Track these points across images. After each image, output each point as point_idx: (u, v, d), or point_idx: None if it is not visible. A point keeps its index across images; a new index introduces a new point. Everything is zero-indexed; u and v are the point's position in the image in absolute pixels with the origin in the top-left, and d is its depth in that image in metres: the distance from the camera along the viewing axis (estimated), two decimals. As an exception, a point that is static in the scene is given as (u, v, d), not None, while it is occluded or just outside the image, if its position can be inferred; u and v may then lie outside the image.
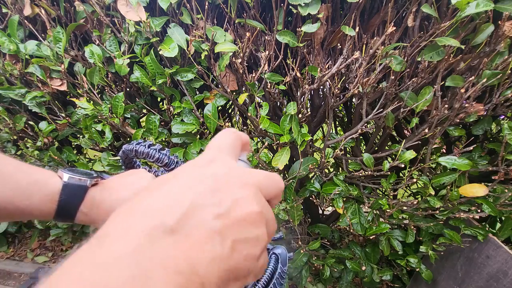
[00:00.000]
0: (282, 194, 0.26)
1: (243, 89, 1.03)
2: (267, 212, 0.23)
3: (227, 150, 0.26)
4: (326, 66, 0.90)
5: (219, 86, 1.00)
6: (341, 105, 1.27)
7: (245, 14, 0.90)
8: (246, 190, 0.21)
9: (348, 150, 1.27)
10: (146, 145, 0.41)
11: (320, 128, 1.35)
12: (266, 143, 1.03)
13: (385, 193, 1.09)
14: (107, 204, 0.40)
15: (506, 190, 0.95)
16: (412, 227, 1.10)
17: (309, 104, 1.12)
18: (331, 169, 1.33)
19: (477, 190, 0.93)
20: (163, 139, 1.06)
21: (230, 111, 1.50)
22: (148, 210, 0.18)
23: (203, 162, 0.23)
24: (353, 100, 1.03)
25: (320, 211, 1.49)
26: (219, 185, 0.21)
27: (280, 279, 0.32)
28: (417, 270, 1.13)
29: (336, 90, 0.90)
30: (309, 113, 0.99)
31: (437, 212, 1.00)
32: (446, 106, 0.87)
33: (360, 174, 1.05)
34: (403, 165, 0.94)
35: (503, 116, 1.00)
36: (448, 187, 0.97)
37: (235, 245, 0.19)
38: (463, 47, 0.78)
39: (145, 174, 0.45)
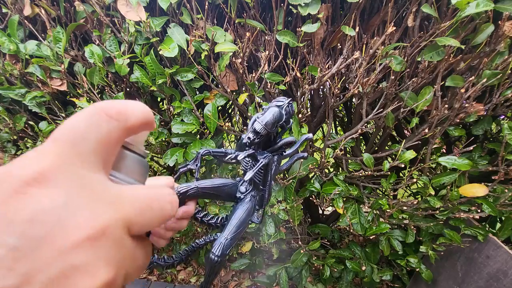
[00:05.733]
0: (170, 218, 0.18)
1: (243, 89, 1.03)
2: (129, 267, 0.15)
3: (87, 151, 0.15)
4: (326, 66, 0.90)
5: (219, 86, 1.00)
6: (341, 105, 1.27)
7: (245, 14, 0.90)
8: (93, 248, 0.12)
9: (348, 150, 1.27)
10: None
11: (320, 128, 1.35)
12: (266, 143, 1.03)
13: (385, 193, 1.09)
14: None
15: (506, 190, 0.95)
16: (412, 227, 1.10)
17: (309, 104, 1.12)
18: (331, 169, 1.33)
19: (477, 190, 0.92)
20: (163, 139, 1.06)
21: (230, 111, 1.50)
22: None
23: (19, 182, 0.12)
24: (353, 100, 1.03)
25: (320, 211, 1.50)
26: (36, 241, 0.11)
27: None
28: (417, 270, 1.13)
29: (336, 90, 0.90)
30: (309, 113, 0.99)
31: (437, 212, 1.00)
32: (446, 106, 0.87)
33: (360, 174, 1.05)
34: (403, 165, 0.94)
35: (503, 116, 1.00)
36: (448, 187, 0.97)
37: None
38: (463, 47, 0.78)
39: None
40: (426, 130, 0.93)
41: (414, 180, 0.99)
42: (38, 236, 0.11)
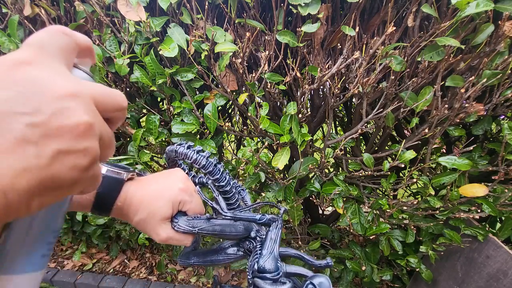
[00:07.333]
0: (124, 113, 0.22)
1: (243, 89, 1.03)
2: (102, 127, 0.19)
3: (52, 52, 0.20)
4: (326, 66, 0.90)
5: (219, 86, 1.00)
6: (341, 105, 1.27)
7: (245, 14, 0.90)
8: (74, 100, 0.17)
9: (348, 150, 1.27)
10: (185, 146, 0.42)
11: (320, 128, 1.35)
12: (266, 143, 1.03)
13: (385, 193, 1.09)
14: (137, 198, 0.38)
15: (506, 190, 0.95)
16: (412, 227, 1.10)
17: (309, 104, 1.12)
18: (331, 169, 1.33)
19: (477, 190, 0.93)
20: (163, 139, 1.06)
21: (230, 111, 1.50)
22: None
23: (12, 62, 0.17)
24: (353, 100, 1.03)
25: (320, 211, 1.50)
26: (34, 90, 0.16)
27: None
28: (417, 270, 1.13)
29: (336, 90, 0.90)
30: (309, 113, 0.99)
31: (437, 212, 1.00)
32: (446, 106, 0.87)
33: (360, 174, 1.05)
34: (403, 165, 0.94)
35: (503, 116, 1.00)
36: (448, 187, 0.97)
37: (57, 155, 0.17)
38: (463, 47, 0.78)
39: (179, 172, 0.43)
40: (426, 130, 0.93)
41: (414, 180, 0.99)
42: (34, 89, 0.16)
